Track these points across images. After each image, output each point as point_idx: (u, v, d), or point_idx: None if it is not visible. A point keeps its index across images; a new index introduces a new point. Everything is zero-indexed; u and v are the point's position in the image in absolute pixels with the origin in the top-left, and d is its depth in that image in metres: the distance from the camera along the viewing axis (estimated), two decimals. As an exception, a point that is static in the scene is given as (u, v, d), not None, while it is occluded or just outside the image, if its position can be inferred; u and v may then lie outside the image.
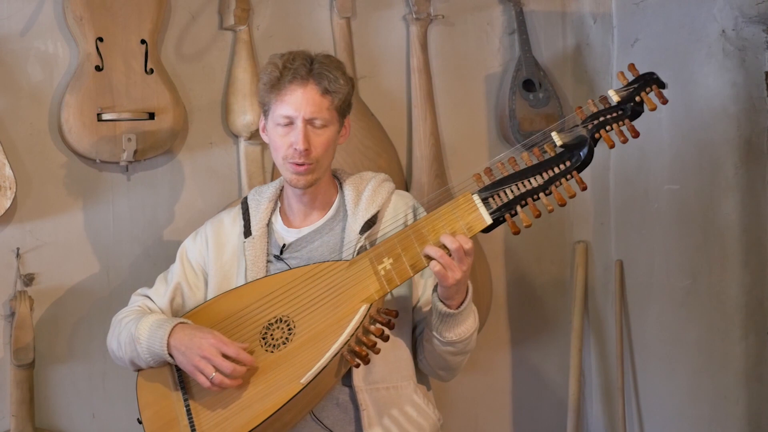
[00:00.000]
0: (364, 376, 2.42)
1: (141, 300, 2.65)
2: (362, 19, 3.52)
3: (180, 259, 2.66)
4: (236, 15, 3.24)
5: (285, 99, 2.43)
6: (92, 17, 3.03)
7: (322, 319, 2.34)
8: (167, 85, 3.12)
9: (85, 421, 3.16)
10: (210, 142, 3.30)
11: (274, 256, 2.53)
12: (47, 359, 3.10)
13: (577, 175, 2.27)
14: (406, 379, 2.48)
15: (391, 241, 2.34)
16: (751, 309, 3.39)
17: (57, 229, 3.11)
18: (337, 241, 2.51)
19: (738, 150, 3.37)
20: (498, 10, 3.78)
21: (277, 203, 2.63)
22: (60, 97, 3.06)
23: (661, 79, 2.33)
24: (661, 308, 3.68)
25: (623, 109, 2.30)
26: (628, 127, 2.29)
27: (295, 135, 2.42)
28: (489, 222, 2.28)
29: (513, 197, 2.27)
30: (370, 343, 2.29)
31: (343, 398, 2.43)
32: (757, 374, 3.39)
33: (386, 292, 2.33)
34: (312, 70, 2.43)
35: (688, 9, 3.49)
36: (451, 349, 2.41)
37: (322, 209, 2.56)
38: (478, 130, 3.73)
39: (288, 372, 2.30)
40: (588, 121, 2.31)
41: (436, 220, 2.30)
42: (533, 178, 2.28)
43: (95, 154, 3.06)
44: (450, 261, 2.25)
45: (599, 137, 2.28)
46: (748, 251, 3.38)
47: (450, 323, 2.36)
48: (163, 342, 2.40)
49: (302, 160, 2.43)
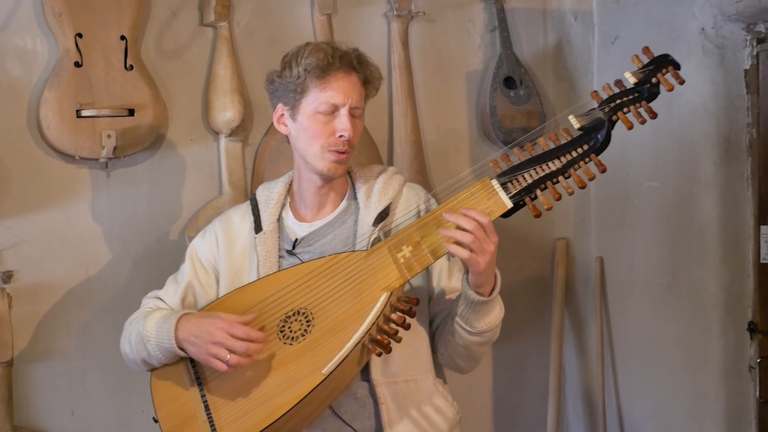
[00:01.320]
0: (382, 369, 2.40)
1: (152, 302, 2.62)
2: (343, 15, 3.52)
3: (190, 258, 2.63)
4: (216, 11, 3.23)
5: (332, 86, 2.41)
6: (71, 13, 3.01)
7: (341, 309, 2.32)
8: (147, 81, 3.11)
9: (65, 419, 3.14)
10: (190, 139, 3.29)
11: (287, 251, 2.51)
12: (26, 357, 3.09)
13: (596, 157, 2.29)
14: (424, 372, 2.47)
15: (408, 230, 2.33)
16: (730, 305, 3.40)
17: (36, 226, 3.09)
18: (349, 234, 2.49)
19: (717, 147, 3.38)
20: (479, 8, 3.78)
21: (287, 198, 2.60)
22: (39, 93, 3.04)
23: (675, 60, 2.35)
24: (641, 305, 3.69)
25: (639, 91, 2.31)
26: (645, 108, 2.30)
27: (341, 123, 2.41)
28: (509, 206, 2.27)
29: (532, 181, 2.27)
30: (392, 331, 2.28)
31: (361, 392, 2.41)
32: (736, 370, 3.41)
33: (407, 279, 2.32)
34: (353, 61, 2.44)
35: (668, 7, 3.50)
36: (479, 339, 2.39)
37: (334, 202, 2.54)
38: (459, 127, 3.74)
39: (308, 363, 2.29)
40: (605, 104, 2.31)
41: (455, 207, 2.29)
42: (551, 162, 2.28)
43: (74, 151, 3.05)
44: (478, 244, 2.21)
45: (617, 119, 2.29)
46: (727, 248, 3.40)
47: (481, 312, 2.34)
48: (171, 336, 2.39)
49: (345, 148, 2.42)
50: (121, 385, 3.19)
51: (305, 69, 2.41)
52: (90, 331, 3.16)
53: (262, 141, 3.36)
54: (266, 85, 2.54)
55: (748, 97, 3.37)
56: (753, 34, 3.35)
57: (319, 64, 2.40)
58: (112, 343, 3.15)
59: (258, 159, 3.35)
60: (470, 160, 3.73)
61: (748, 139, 3.38)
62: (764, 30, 3.32)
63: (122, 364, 3.17)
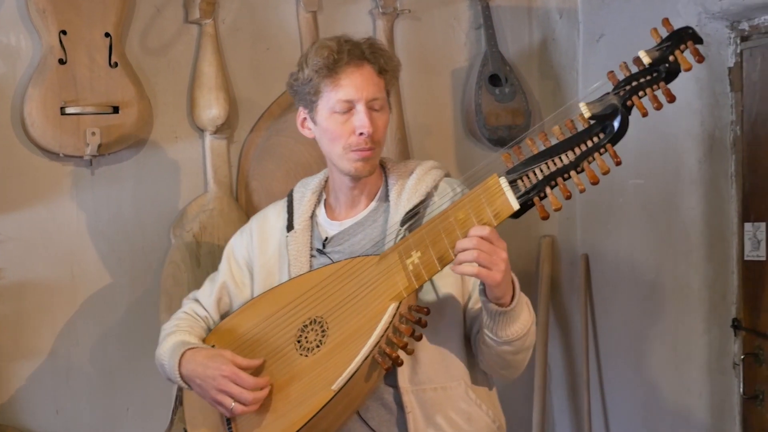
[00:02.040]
0: (410, 376, 2.27)
1: (189, 304, 2.59)
2: (328, 13, 3.51)
3: (226, 257, 2.58)
4: (201, 8, 3.22)
5: (343, 83, 2.29)
6: (55, 10, 3.00)
7: (353, 319, 2.21)
8: (132, 78, 3.10)
9: (49, 418, 3.13)
10: (175, 137, 3.28)
11: (317, 250, 2.42)
12: (10, 355, 3.07)
13: (611, 148, 2.05)
14: (455, 380, 2.32)
15: (420, 233, 2.18)
16: (714, 302, 3.42)
17: (20, 224, 3.08)
18: (379, 233, 2.36)
19: (702, 144, 3.40)
20: (464, 5, 3.78)
21: (322, 195, 2.50)
22: (23, 90, 3.02)
23: (697, 33, 2.09)
24: (626, 302, 3.70)
25: (657, 71, 2.06)
26: (663, 90, 2.06)
27: (359, 119, 2.28)
28: (516, 208, 2.08)
29: (542, 178, 2.06)
30: (401, 343, 2.14)
31: (388, 399, 2.29)
32: (720, 367, 3.42)
33: (414, 288, 2.17)
34: (365, 51, 2.31)
35: (652, 5, 3.51)
36: (509, 348, 2.22)
37: (366, 200, 2.42)
38: (445, 124, 3.74)
39: (321, 378, 2.19)
40: (619, 87, 2.07)
41: (462, 209, 2.13)
42: (564, 155, 2.06)
43: (59, 148, 3.03)
44: (486, 258, 2.06)
45: (632, 104, 2.06)
46: (712, 245, 3.41)
47: (505, 321, 2.17)
48: (176, 372, 2.36)
49: (368, 145, 2.29)
50: (106, 383, 3.18)
51: (314, 70, 2.31)
52: (75, 330, 3.15)
53: (247, 138, 3.35)
54: (287, 90, 2.44)
55: (732, 95, 3.38)
56: (737, 32, 3.36)
57: (325, 62, 2.29)
58: (97, 341, 3.16)
59: (243, 156, 3.34)
60: (455, 157, 3.73)
61: (732, 137, 3.39)
62: (748, 28, 3.33)
63: (107, 363, 3.18)
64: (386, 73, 2.34)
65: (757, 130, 3.34)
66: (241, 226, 3.23)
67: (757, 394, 3.35)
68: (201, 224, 3.21)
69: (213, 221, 3.22)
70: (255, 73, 3.38)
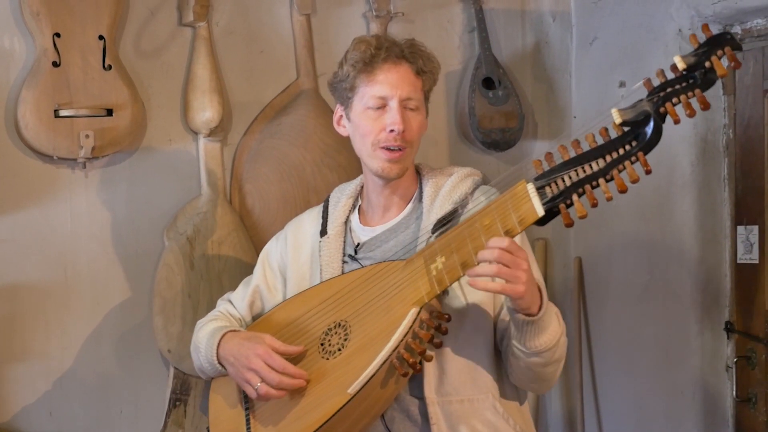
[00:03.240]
0: (436, 387, 2.22)
1: (223, 305, 2.58)
2: (322, 16, 3.52)
3: (261, 262, 2.57)
4: (195, 11, 3.23)
5: (378, 79, 2.27)
6: (49, 12, 3.00)
7: (375, 323, 2.17)
8: (125, 81, 3.10)
9: (42, 420, 3.13)
10: (169, 139, 3.29)
11: (349, 256, 2.38)
12: (4, 357, 3.07)
13: (643, 156, 1.98)
14: (483, 392, 2.25)
15: (446, 238, 2.13)
16: (707, 305, 3.42)
17: (14, 227, 3.08)
18: (412, 240, 2.30)
19: (694, 147, 3.40)
20: (458, 8, 3.79)
21: (358, 200, 2.47)
22: (16, 93, 3.02)
23: (735, 39, 1.99)
24: (619, 304, 3.71)
25: (693, 77, 1.98)
26: (698, 98, 1.96)
27: (390, 116, 2.26)
28: (541, 214, 2.01)
29: (571, 184, 2.00)
30: (419, 349, 2.09)
31: (413, 410, 2.24)
32: (713, 369, 3.43)
33: (436, 293, 2.12)
34: (406, 51, 2.29)
35: (645, 8, 3.52)
36: (538, 360, 2.15)
37: (400, 206, 2.38)
38: (438, 127, 3.74)
39: (339, 381, 2.16)
40: (654, 93, 1.99)
41: (488, 215, 2.07)
42: (594, 162, 1.99)
43: (52, 151, 3.03)
44: (507, 271, 2.00)
45: (665, 111, 1.98)
46: (704, 248, 3.42)
47: (533, 332, 2.11)
48: (213, 352, 2.35)
49: (398, 143, 2.27)
50: (99, 385, 3.18)
51: (352, 65, 2.30)
52: (68, 332, 3.15)
53: (241, 141, 3.35)
54: (328, 88, 2.43)
55: (724, 98, 3.39)
56: (729, 36, 3.37)
57: (362, 57, 2.28)
58: (91, 343, 3.16)
59: (237, 159, 3.35)
60: (449, 160, 3.73)
61: (724, 140, 3.40)
62: (740, 32, 3.34)
63: (100, 365, 3.17)
64: (425, 74, 2.32)
65: (749, 134, 3.35)
66: (235, 228, 3.26)
67: (750, 397, 3.35)
68: (195, 227, 3.21)
69: (207, 224, 3.23)
70: (249, 75, 3.38)
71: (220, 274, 3.22)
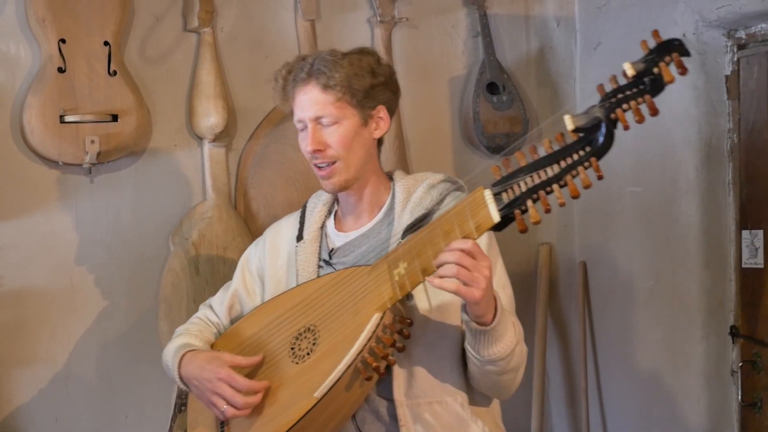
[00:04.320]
0: (405, 389, 2.25)
1: (203, 310, 2.62)
2: (327, 21, 3.52)
3: (240, 266, 2.61)
4: (200, 17, 3.23)
5: (295, 103, 2.36)
6: (54, 19, 3.01)
7: (341, 328, 2.22)
8: (131, 87, 3.11)
9: (48, 425, 3.13)
10: (174, 145, 3.29)
11: (324, 261, 2.43)
12: (9, 362, 3.08)
13: (596, 162, 1.99)
14: (452, 394, 2.29)
15: (408, 243, 2.16)
16: (711, 310, 3.42)
17: (19, 232, 3.08)
18: (383, 245, 2.34)
19: (699, 152, 3.40)
20: (462, 13, 3.79)
21: (334, 206, 2.52)
22: (22, 98, 3.03)
23: (684, 45, 2.00)
24: (623, 309, 3.71)
25: (643, 83, 1.99)
26: (648, 104, 1.98)
27: (307, 137, 2.34)
28: (496, 220, 2.03)
29: (525, 190, 2.02)
30: (383, 353, 2.13)
31: (382, 411, 2.28)
32: (719, 374, 3.43)
33: (398, 298, 2.15)
34: (311, 70, 2.32)
35: (649, 13, 3.52)
36: (493, 368, 2.19)
37: (371, 212, 2.43)
38: (443, 132, 3.74)
39: (307, 385, 2.20)
40: (606, 99, 2.00)
41: (448, 221, 2.10)
42: (549, 168, 2.01)
43: (58, 156, 3.04)
44: (466, 273, 2.02)
45: (616, 117, 1.99)
46: (709, 253, 3.42)
47: (486, 340, 2.14)
48: (175, 374, 2.39)
49: (319, 161, 2.33)
50: (105, 390, 3.18)
51: (276, 97, 2.43)
52: (74, 337, 3.15)
53: (245, 146, 3.36)
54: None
55: (729, 103, 3.39)
56: (734, 41, 3.37)
57: (278, 89, 2.40)
58: (96, 348, 3.16)
59: (242, 164, 3.35)
60: (453, 165, 3.74)
61: (729, 145, 3.40)
62: (745, 36, 3.34)
63: (106, 370, 3.18)
64: (333, 87, 2.31)
65: (754, 138, 3.35)
66: (240, 234, 3.26)
67: (755, 402, 3.35)
68: (200, 232, 3.22)
69: (212, 229, 3.23)
70: (253, 81, 3.39)
71: (226, 278, 3.21)
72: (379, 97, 2.37)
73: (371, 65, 2.36)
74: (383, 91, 2.39)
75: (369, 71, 2.35)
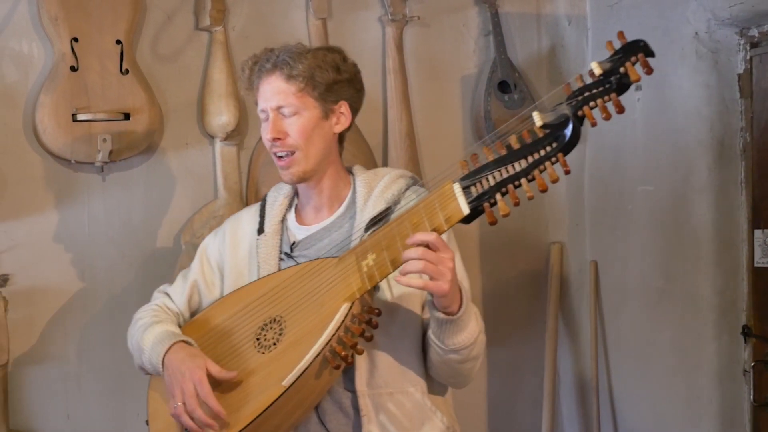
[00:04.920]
0: (367, 380, 2.32)
1: (161, 298, 2.63)
2: (338, 20, 3.52)
3: (199, 256, 2.63)
4: (212, 16, 3.24)
5: (259, 94, 2.44)
6: (67, 17, 3.02)
7: (308, 318, 2.26)
8: (143, 85, 3.12)
9: (60, 422, 3.14)
10: (186, 143, 3.30)
11: (285, 254, 2.47)
12: (22, 360, 3.09)
13: (563, 157, 2.06)
14: (413, 385, 2.37)
15: (376, 236, 2.23)
16: (723, 309, 3.41)
17: (32, 230, 3.09)
18: (345, 238, 2.41)
19: (711, 151, 3.39)
20: (473, 12, 3.79)
21: (294, 200, 2.57)
22: (35, 97, 3.04)
23: (649, 46, 2.10)
24: (635, 308, 3.70)
25: (609, 82, 2.09)
26: (614, 102, 2.08)
27: (266, 126, 2.42)
28: (466, 212, 2.10)
29: (494, 184, 2.09)
30: (351, 342, 2.19)
31: (345, 403, 2.34)
32: (730, 374, 3.42)
33: (367, 289, 2.21)
34: (276, 61, 2.40)
35: (661, 11, 3.51)
36: (456, 357, 2.27)
37: (331, 206, 2.48)
38: (454, 131, 3.75)
39: (274, 374, 2.24)
40: (573, 97, 2.11)
41: (416, 213, 2.17)
42: (517, 163, 2.09)
43: (70, 155, 3.05)
44: (432, 268, 2.09)
45: (583, 115, 2.08)
46: (721, 252, 3.41)
47: (452, 330, 2.22)
48: (160, 358, 2.39)
49: (279, 150, 2.39)
50: (117, 388, 3.19)
51: (242, 88, 2.51)
52: (85, 335, 3.16)
53: (257, 145, 3.36)
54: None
55: (741, 102, 3.38)
56: (746, 39, 3.36)
57: (244, 79, 2.48)
58: (108, 346, 3.17)
59: (253, 163, 3.35)
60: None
61: (741, 144, 3.39)
62: (757, 34, 3.33)
63: (118, 368, 3.18)
64: (296, 77, 2.38)
65: (766, 137, 3.34)
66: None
67: (767, 402, 3.34)
68: (211, 230, 3.22)
69: (223, 227, 3.23)
70: (265, 79, 3.39)
71: (237, 277, 3.23)
72: (342, 93, 2.44)
73: (336, 61, 2.43)
74: (347, 88, 2.45)
75: (333, 66, 2.42)
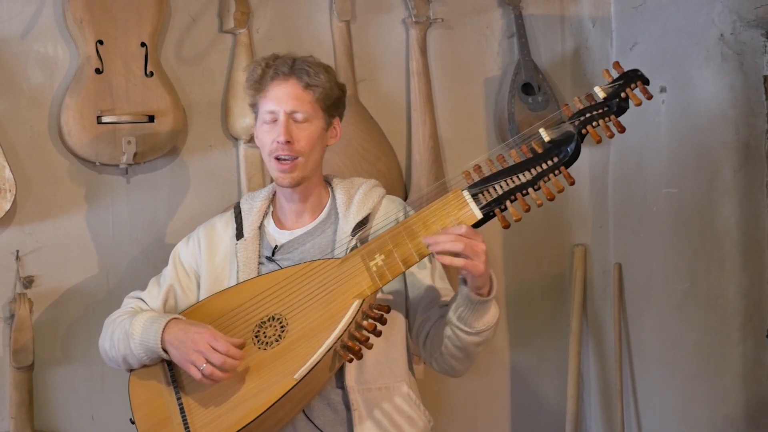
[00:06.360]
0: (356, 376, 2.45)
1: (134, 302, 2.68)
2: (362, 22, 3.53)
3: (172, 261, 2.69)
4: (236, 18, 3.25)
5: (269, 96, 2.50)
6: (92, 20, 3.03)
7: (315, 315, 2.36)
8: (167, 87, 3.13)
9: (84, 423, 3.16)
10: (209, 145, 3.31)
11: (266, 258, 2.57)
12: (46, 361, 3.10)
13: (565, 170, 2.32)
14: (399, 380, 2.51)
15: (382, 238, 2.37)
16: (749, 312, 3.39)
17: (56, 232, 3.11)
18: (328, 243, 2.54)
19: (736, 153, 3.38)
20: (497, 14, 3.79)
21: (270, 207, 2.66)
22: (60, 99, 3.06)
23: (645, 75, 2.40)
24: (659, 311, 3.68)
25: (609, 105, 2.36)
26: (614, 122, 2.34)
27: (276, 128, 2.48)
28: (479, 216, 2.31)
29: (502, 192, 2.31)
30: (363, 338, 2.33)
31: (335, 399, 2.46)
32: (755, 377, 3.40)
33: (378, 287, 2.35)
34: (294, 67, 2.50)
35: (686, 13, 3.50)
36: (477, 339, 2.40)
37: (313, 212, 2.60)
38: (477, 133, 3.74)
39: (282, 368, 2.33)
40: (575, 117, 2.35)
41: (427, 217, 2.34)
42: (522, 174, 2.32)
43: (95, 157, 3.07)
44: (470, 248, 2.24)
45: (586, 133, 2.33)
46: (746, 254, 3.39)
47: (480, 312, 2.36)
48: (158, 336, 2.43)
49: (285, 153, 2.47)
50: (141, 389, 3.20)
51: (248, 86, 2.56)
52: (110, 336, 3.17)
53: (280, 147, 3.37)
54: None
55: (767, 104, 3.36)
56: (772, 40, 3.35)
57: (255, 78, 2.53)
58: (132, 347, 3.17)
59: (277, 165, 3.36)
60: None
61: (767, 146, 3.37)
62: (783, 36, 3.32)
63: (142, 369, 3.19)
64: (313, 87, 2.50)
65: (792, 139, 3.32)
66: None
67: (792, 405, 3.33)
68: (235, 232, 3.23)
69: (247, 229, 3.24)
70: (289, 82, 3.39)
71: (260, 279, 3.24)
72: (339, 110, 2.60)
73: (337, 80, 2.59)
74: (341, 106, 2.61)
75: (337, 84, 2.58)
